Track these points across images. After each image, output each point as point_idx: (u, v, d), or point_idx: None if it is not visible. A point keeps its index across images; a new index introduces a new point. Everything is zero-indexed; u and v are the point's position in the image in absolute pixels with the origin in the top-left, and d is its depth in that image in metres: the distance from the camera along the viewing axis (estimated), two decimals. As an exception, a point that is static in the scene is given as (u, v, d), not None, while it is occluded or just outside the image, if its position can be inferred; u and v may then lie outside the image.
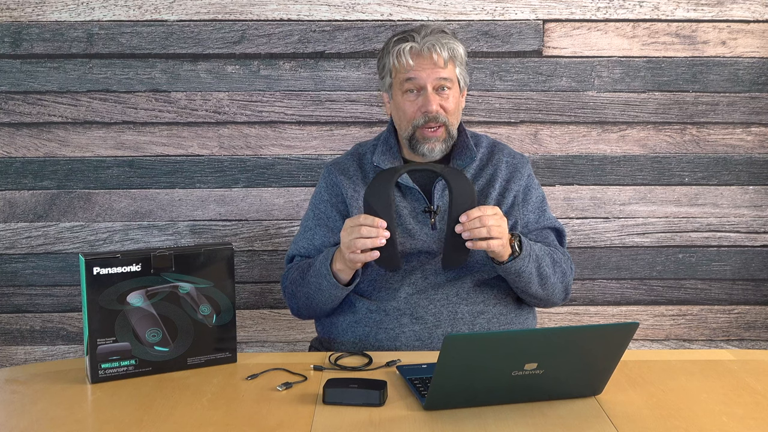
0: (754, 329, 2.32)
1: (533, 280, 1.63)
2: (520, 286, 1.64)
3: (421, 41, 1.65)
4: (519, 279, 1.61)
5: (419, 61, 1.65)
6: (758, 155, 2.24)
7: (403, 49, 1.65)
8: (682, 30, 2.18)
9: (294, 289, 1.72)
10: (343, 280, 1.62)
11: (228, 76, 2.17)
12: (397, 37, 1.69)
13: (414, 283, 1.66)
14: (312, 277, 1.66)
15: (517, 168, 1.75)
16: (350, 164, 1.76)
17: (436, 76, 1.64)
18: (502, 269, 1.60)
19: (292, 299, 1.74)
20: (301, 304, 1.72)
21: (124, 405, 1.31)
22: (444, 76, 1.65)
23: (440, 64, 1.64)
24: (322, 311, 1.71)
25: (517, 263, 1.58)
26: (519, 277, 1.61)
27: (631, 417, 1.25)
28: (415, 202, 1.71)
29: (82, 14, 2.13)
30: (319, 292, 1.65)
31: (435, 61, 1.64)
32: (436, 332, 1.64)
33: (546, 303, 1.73)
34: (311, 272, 1.66)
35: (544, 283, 1.65)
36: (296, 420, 1.23)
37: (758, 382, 1.40)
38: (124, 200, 2.21)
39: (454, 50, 1.66)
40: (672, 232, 2.27)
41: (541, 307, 1.77)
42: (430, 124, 1.65)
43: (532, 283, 1.63)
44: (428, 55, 1.64)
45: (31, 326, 2.26)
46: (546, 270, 1.65)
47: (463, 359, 1.20)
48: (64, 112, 2.17)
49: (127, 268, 1.39)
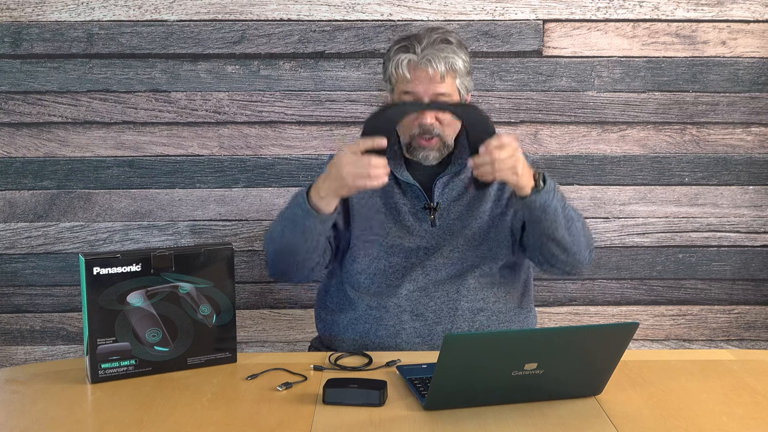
0: (754, 329, 2.32)
1: (559, 220, 1.57)
2: (545, 227, 1.58)
3: (420, 54, 1.61)
4: (545, 216, 1.56)
5: (416, 74, 1.62)
6: (758, 155, 2.24)
7: (401, 62, 1.62)
8: (682, 30, 2.18)
9: (272, 230, 1.67)
10: (324, 211, 1.57)
11: (228, 76, 2.17)
12: (399, 45, 1.66)
13: (414, 279, 1.66)
14: (287, 209, 1.62)
15: None
16: None
17: (432, 92, 1.62)
18: (526, 204, 1.56)
19: (269, 243, 1.67)
20: (276, 246, 1.65)
21: (124, 405, 1.31)
22: (441, 91, 1.62)
23: (437, 79, 1.61)
24: (296, 256, 1.62)
25: (542, 196, 1.54)
26: (545, 212, 1.56)
27: (631, 417, 1.25)
28: (415, 199, 1.71)
29: (82, 14, 2.13)
30: (293, 226, 1.59)
31: (431, 76, 1.61)
32: (437, 329, 1.64)
33: (572, 257, 1.63)
34: (288, 205, 1.63)
35: (570, 226, 1.59)
36: (296, 420, 1.23)
37: (758, 382, 1.40)
38: (124, 200, 2.21)
39: (453, 63, 1.62)
40: (672, 232, 2.27)
41: (567, 268, 1.66)
42: (425, 136, 1.65)
43: (558, 223, 1.57)
44: (425, 69, 1.61)
45: (31, 326, 2.26)
46: (570, 212, 1.60)
47: (463, 359, 1.20)
48: (64, 112, 2.17)
49: (127, 268, 1.39)
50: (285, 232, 1.62)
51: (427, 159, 1.68)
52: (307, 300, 2.27)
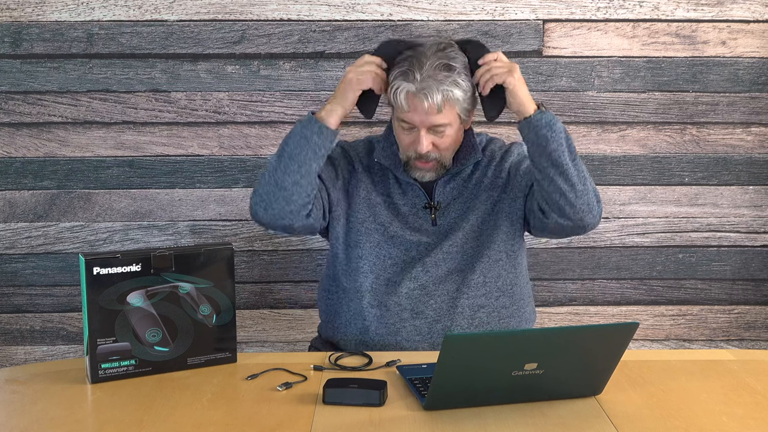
0: (754, 329, 2.32)
1: (564, 146, 1.57)
2: (552, 150, 1.56)
3: (419, 84, 1.58)
4: (551, 134, 1.55)
5: (414, 105, 1.60)
6: (758, 155, 2.24)
7: (399, 91, 1.60)
8: (682, 30, 2.18)
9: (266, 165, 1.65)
10: (329, 124, 1.63)
11: (228, 76, 2.17)
12: (401, 70, 1.61)
13: (415, 277, 1.67)
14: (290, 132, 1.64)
15: (509, 149, 1.77)
16: (361, 149, 1.80)
17: (430, 123, 1.61)
18: (532, 122, 1.57)
19: (262, 176, 1.64)
20: (269, 174, 1.62)
21: (124, 405, 1.31)
22: (438, 122, 1.61)
23: (432, 111, 1.59)
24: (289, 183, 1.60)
25: (548, 115, 1.57)
26: (551, 130, 1.55)
27: (631, 417, 1.25)
28: (415, 198, 1.72)
29: (82, 14, 2.13)
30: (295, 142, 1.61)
31: (427, 108, 1.59)
32: (437, 327, 1.65)
33: (580, 199, 1.58)
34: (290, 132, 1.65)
35: (575, 158, 1.58)
36: (296, 420, 1.23)
37: (758, 382, 1.40)
38: (124, 200, 2.21)
39: (449, 95, 1.59)
40: (672, 232, 2.27)
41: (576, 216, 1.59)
42: (422, 159, 1.66)
43: (563, 148, 1.56)
44: (422, 101, 1.58)
45: (31, 326, 2.26)
46: (574, 147, 1.60)
47: (463, 359, 1.20)
48: (64, 112, 2.17)
49: (127, 268, 1.39)
50: (283, 155, 1.61)
51: (423, 178, 1.70)
52: (307, 300, 2.27)
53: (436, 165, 1.68)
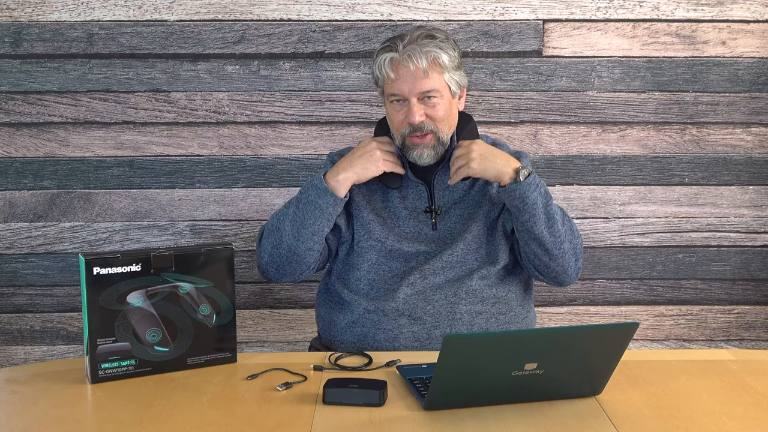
0: (754, 329, 2.32)
1: (539, 215, 1.60)
2: (525, 220, 1.60)
3: (402, 51, 1.59)
4: (524, 207, 1.59)
5: (400, 72, 1.60)
6: (758, 155, 2.24)
7: (384, 61, 1.61)
8: (682, 30, 2.18)
9: (270, 223, 1.68)
10: (338, 192, 1.62)
11: (228, 76, 2.17)
12: (383, 46, 1.65)
13: (412, 283, 1.66)
14: (298, 195, 1.65)
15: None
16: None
17: (418, 90, 1.60)
18: (506, 192, 1.60)
19: (268, 236, 1.68)
20: (275, 237, 1.66)
21: (124, 405, 1.31)
22: (426, 88, 1.60)
23: (419, 75, 1.59)
24: (297, 246, 1.64)
25: (522, 187, 1.58)
26: (523, 203, 1.58)
27: (631, 417, 1.25)
28: (416, 202, 1.71)
29: (82, 14, 2.13)
30: (304, 207, 1.62)
31: (414, 72, 1.59)
32: (435, 333, 1.64)
33: (555, 261, 1.65)
34: (298, 194, 1.66)
35: (552, 225, 1.61)
36: (296, 420, 1.23)
37: (758, 382, 1.40)
38: (124, 200, 2.21)
39: (436, 57, 1.59)
40: (672, 232, 2.27)
41: (552, 275, 1.68)
42: (417, 132, 1.64)
43: (537, 218, 1.60)
44: (407, 65, 1.59)
45: (31, 326, 2.26)
46: (554, 213, 1.62)
47: (462, 359, 1.20)
48: (64, 112, 2.17)
49: (127, 268, 1.39)
50: (296, 221, 1.63)
51: (421, 157, 1.66)
52: (307, 300, 2.27)
53: (433, 139, 1.64)
